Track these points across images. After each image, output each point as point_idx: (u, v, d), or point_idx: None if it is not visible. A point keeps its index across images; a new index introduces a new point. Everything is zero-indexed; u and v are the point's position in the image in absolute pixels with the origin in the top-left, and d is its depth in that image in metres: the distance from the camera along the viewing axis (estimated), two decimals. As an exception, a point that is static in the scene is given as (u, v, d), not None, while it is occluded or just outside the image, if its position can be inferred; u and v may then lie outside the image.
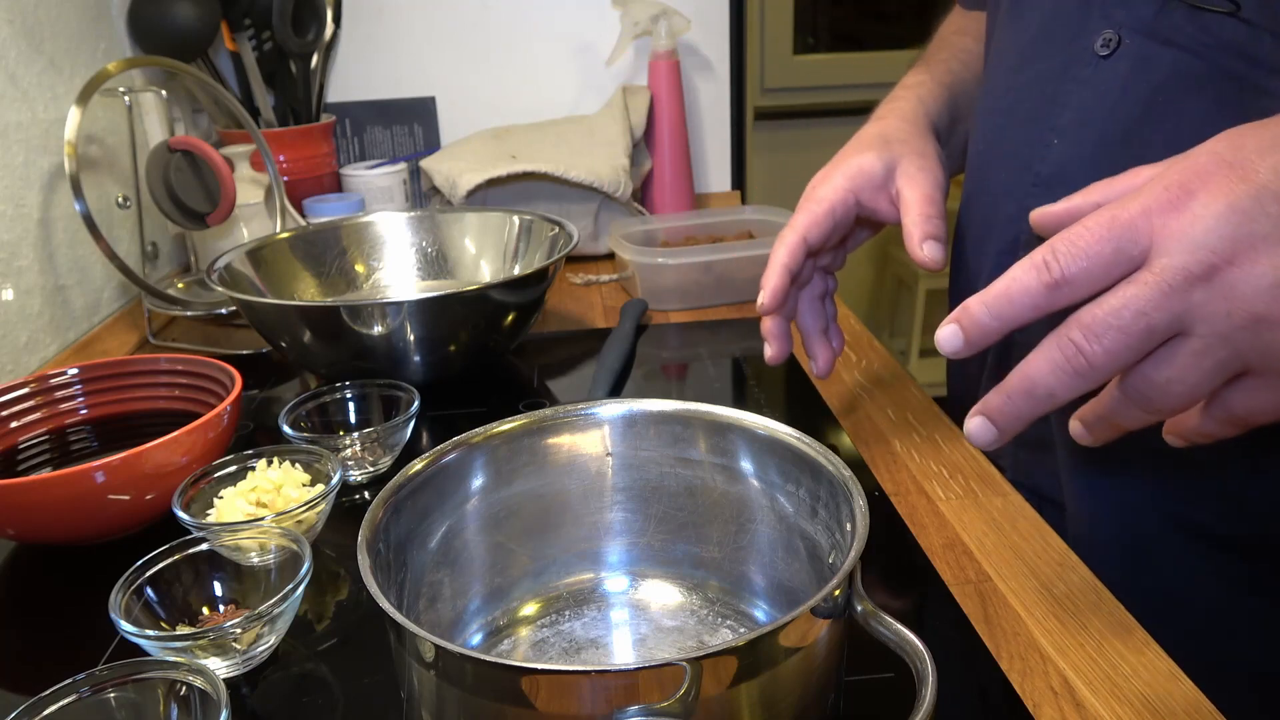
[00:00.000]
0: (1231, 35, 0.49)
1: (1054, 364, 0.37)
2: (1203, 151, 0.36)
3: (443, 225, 0.96)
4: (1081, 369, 0.36)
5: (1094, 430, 0.42)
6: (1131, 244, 0.35)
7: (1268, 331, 0.34)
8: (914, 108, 0.66)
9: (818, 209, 0.59)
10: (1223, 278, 0.34)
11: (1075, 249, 0.36)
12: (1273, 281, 0.34)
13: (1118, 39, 0.54)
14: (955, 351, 0.40)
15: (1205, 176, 0.35)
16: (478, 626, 0.48)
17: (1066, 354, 0.36)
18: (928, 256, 0.56)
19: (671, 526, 0.50)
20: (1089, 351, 0.36)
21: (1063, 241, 0.36)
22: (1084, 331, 0.36)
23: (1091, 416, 0.41)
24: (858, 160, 0.60)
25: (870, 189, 0.60)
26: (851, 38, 2.78)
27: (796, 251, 0.59)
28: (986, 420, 0.40)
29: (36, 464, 0.65)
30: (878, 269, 2.86)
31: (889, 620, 0.36)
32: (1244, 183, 0.34)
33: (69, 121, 0.80)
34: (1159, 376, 0.36)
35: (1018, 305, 0.37)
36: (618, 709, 0.32)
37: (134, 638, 0.44)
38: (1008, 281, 0.37)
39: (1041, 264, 0.37)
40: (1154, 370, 0.36)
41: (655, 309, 0.96)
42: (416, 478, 0.45)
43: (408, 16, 1.24)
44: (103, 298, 0.97)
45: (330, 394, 0.69)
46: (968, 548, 0.55)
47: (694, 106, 1.31)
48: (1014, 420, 0.39)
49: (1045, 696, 0.44)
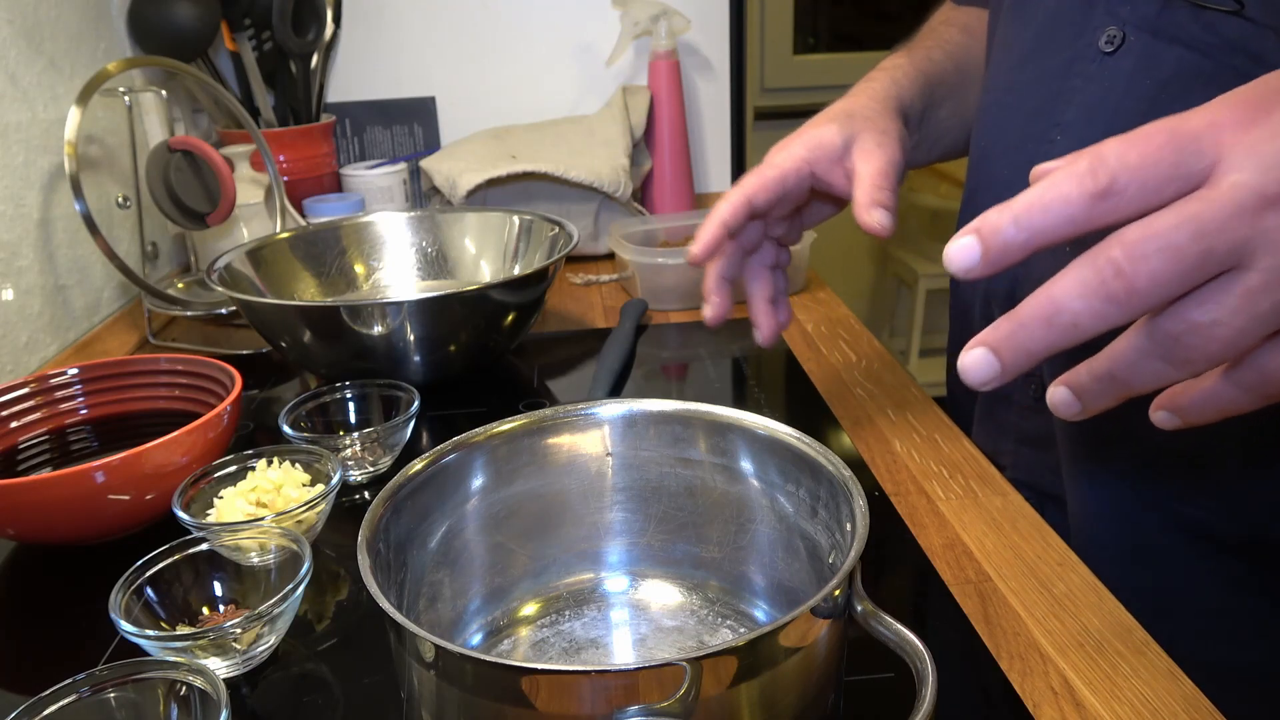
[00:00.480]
0: (1235, 33, 0.49)
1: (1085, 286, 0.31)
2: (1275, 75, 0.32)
3: (443, 225, 0.96)
4: (1117, 295, 0.30)
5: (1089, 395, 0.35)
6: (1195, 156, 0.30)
7: None
8: (886, 88, 0.66)
9: (769, 174, 0.59)
10: None
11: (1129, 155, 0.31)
12: None
13: (1122, 36, 0.54)
14: (968, 269, 0.33)
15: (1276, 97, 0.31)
16: (478, 626, 0.48)
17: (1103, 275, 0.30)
18: (874, 220, 0.54)
19: (671, 526, 0.50)
20: (1130, 274, 0.30)
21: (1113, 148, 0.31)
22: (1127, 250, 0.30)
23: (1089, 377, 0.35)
24: (818, 132, 0.60)
25: (827, 161, 0.59)
26: (851, 38, 2.78)
27: (738, 210, 0.58)
28: (989, 352, 0.33)
29: (36, 464, 0.65)
30: (878, 269, 2.86)
31: (889, 620, 0.36)
32: None
33: (69, 121, 0.80)
34: (1203, 316, 0.31)
35: (1052, 215, 0.31)
36: (618, 709, 0.32)
37: (134, 638, 0.44)
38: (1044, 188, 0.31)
39: (1087, 171, 0.31)
40: (1197, 309, 0.31)
41: (655, 309, 0.96)
42: (416, 478, 0.45)
43: (408, 16, 1.24)
44: (103, 298, 0.97)
45: (330, 394, 0.69)
46: (968, 548, 0.55)
47: (694, 106, 1.31)
48: (1023, 354, 0.32)
49: (1045, 696, 0.44)
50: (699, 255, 0.59)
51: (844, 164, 0.59)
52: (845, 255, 2.79)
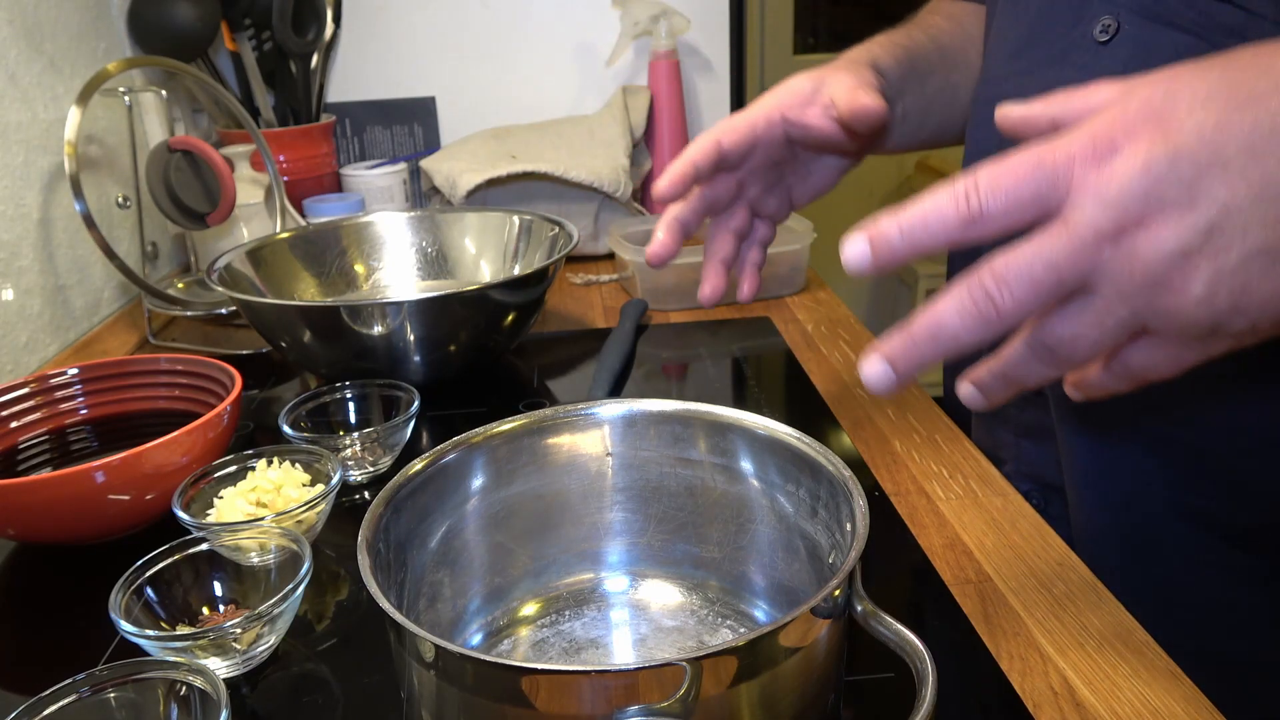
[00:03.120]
0: (1230, 21, 0.50)
1: (963, 310, 0.36)
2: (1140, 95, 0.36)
3: (443, 225, 0.96)
4: (989, 317, 0.36)
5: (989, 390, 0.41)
6: (1051, 190, 0.35)
7: (1165, 295, 0.35)
8: (859, 54, 0.67)
9: (738, 120, 0.59)
10: (1129, 239, 0.34)
11: (997, 186, 0.36)
12: (1173, 249, 0.34)
13: (1117, 25, 0.54)
14: (859, 269, 0.38)
15: (1131, 130, 0.35)
16: (478, 626, 0.48)
17: (977, 301, 0.36)
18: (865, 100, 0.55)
19: (671, 526, 0.50)
20: (999, 300, 0.35)
21: (986, 177, 0.36)
22: (995, 279, 0.35)
23: (988, 375, 0.40)
24: (788, 83, 0.61)
25: (797, 104, 0.59)
26: (851, 38, 2.77)
27: (708, 150, 0.58)
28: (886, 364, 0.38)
29: (36, 464, 0.65)
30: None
31: (889, 620, 0.36)
32: (1164, 142, 0.34)
33: (69, 121, 0.80)
34: (1065, 331, 0.37)
35: (931, 232, 0.37)
36: (618, 709, 0.32)
37: (134, 638, 0.44)
38: (926, 208, 0.37)
39: (962, 196, 0.36)
40: (1060, 324, 0.37)
41: (655, 309, 0.96)
42: (416, 478, 0.45)
43: (408, 16, 1.24)
44: (103, 298, 0.97)
45: (330, 394, 0.69)
46: (968, 548, 0.55)
47: (694, 106, 1.31)
48: (915, 364, 0.38)
49: (1045, 696, 0.44)
50: (664, 189, 0.59)
51: (817, 103, 0.59)
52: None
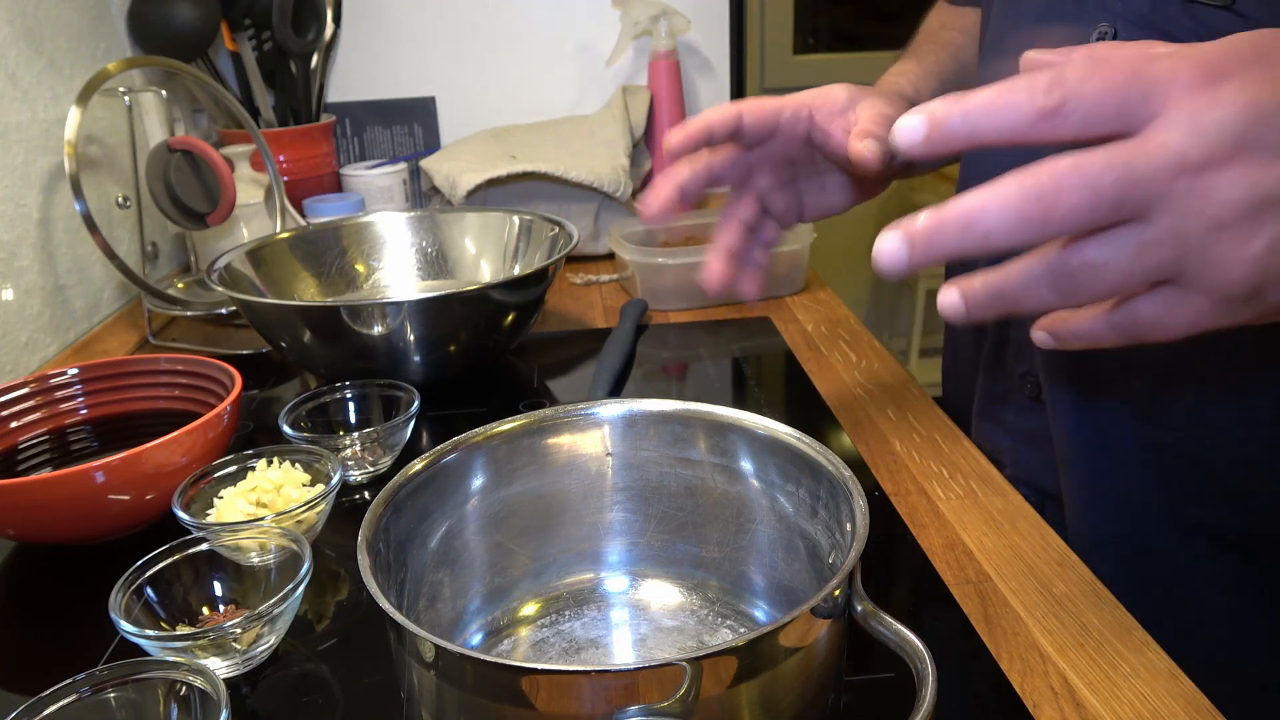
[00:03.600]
0: (1227, 29, 0.49)
1: (1007, 204, 0.33)
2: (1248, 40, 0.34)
3: (443, 225, 0.96)
4: (1033, 218, 0.32)
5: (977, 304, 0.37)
6: (1143, 103, 0.33)
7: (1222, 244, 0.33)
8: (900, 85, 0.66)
9: (766, 100, 0.58)
10: (1210, 175, 0.32)
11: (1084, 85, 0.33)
12: (1250, 197, 0.32)
13: (1114, 31, 0.54)
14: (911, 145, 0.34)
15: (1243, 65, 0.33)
16: (478, 626, 0.48)
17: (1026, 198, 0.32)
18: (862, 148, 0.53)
19: (671, 526, 0.50)
20: (1051, 202, 0.32)
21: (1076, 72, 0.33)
22: (1055, 180, 0.32)
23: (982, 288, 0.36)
24: (826, 88, 0.59)
25: (828, 110, 0.58)
26: (851, 38, 2.78)
27: (727, 118, 0.57)
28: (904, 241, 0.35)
29: (36, 464, 0.65)
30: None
31: (889, 620, 0.36)
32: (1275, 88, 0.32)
33: (69, 121, 0.80)
34: (1098, 256, 0.34)
35: (997, 119, 0.33)
36: (618, 709, 0.32)
37: (134, 638, 0.44)
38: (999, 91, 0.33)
39: (1043, 87, 0.33)
40: (1093, 249, 0.34)
41: (655, 309, 0.96)
42: (416, 478, 0.45)
43: (408, 16, 1.24)
44: (103, 298, 0.97)
45: (330, 394, 0.69)
46: (968, 548, 0.55)
47: (694, 106, 1.31)
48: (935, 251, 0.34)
49: (1045, 696, 0.44)
50: (675, 144, 0.57)
51: (846, 118, 0.58)
52: (845, 255, 2.79)
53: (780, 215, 0.63)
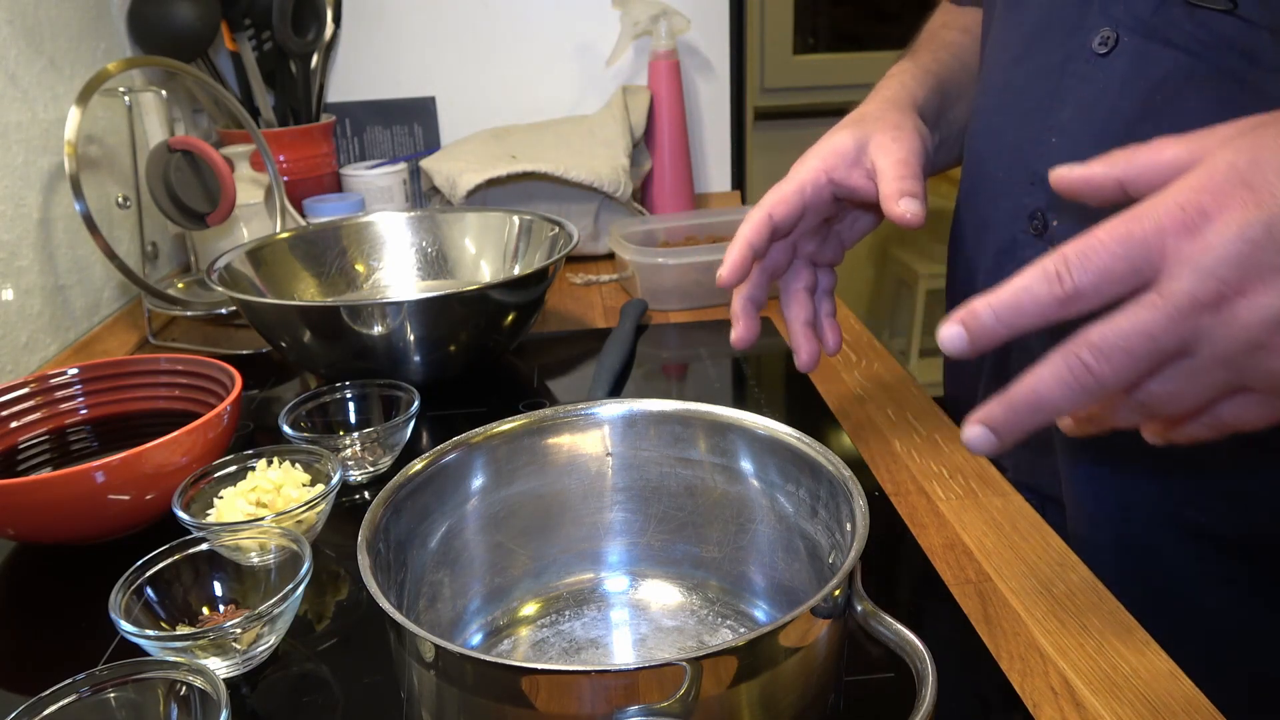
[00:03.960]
0: (1230, 33, 0.49)
1: (1062, 381, 0.37)
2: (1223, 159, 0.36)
3: (443, 225, 0.96)
4: (1089, 387, 0.37)
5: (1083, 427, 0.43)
6: (1144, 262, 0.36)
7: (1267, 359, 0.36)
8: (897, 92, 0.66)
9: (786, 187, 0.59)
10: (1230, 307, 0.35)
11: (1089, 263, 0.37)
12: (1270, 315, 0.35)
13: (1116, 36, 0.54)
14: (959, 352, 0.40)
15: (1221, 198, 0.35)
16: (478, 626, 0.48)
17: (1075, 373, 0.37)
18: (904, 210, 0.54)
19: (671, 526, 0.50)
20: (1098, 371, 0.36)
21: (1076, 253, 0.37)
22: (1093, 352, 0.36)
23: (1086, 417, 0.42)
24: (831, 141, 0.60)
25: (843, 166, 0.59)
26: (851, 38, 2.78)
27: (761, 228, 0.58)
28: (988, 430, 0.40)
29: (36, 464, 0.65)
30: (878, 269, 2.86)
31: (889, 620, 0.36)
32: (1258, 209, 0.35)
33: (69, 121, 0.80)
34: (1162, 391, 0.38)
35: (1027, 314, 0.38)
36: (618, 709, 0.32)
37: (134, 638, 0.44)
38: (1018, 290, 0.38)
39: (1055, 276, 0.37)
40: (1158, 385, 0.38)
41: (655, 309, 0.96)
42: (416, 478, 0.45)
43: (408, 16, 1.24)
44: (103, 298, 0.97)
45: (330, 394, 0.69)
46: (968, 548, 0.55)
47: (694, 106, 1.31)
48: (1016, 431, 0.40)
49: (1045, 696, 0.44)
50: (727, 278, 0.59)
51: (862, 165, 0.59)
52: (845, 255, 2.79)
53: (831, 261, 0.65)
